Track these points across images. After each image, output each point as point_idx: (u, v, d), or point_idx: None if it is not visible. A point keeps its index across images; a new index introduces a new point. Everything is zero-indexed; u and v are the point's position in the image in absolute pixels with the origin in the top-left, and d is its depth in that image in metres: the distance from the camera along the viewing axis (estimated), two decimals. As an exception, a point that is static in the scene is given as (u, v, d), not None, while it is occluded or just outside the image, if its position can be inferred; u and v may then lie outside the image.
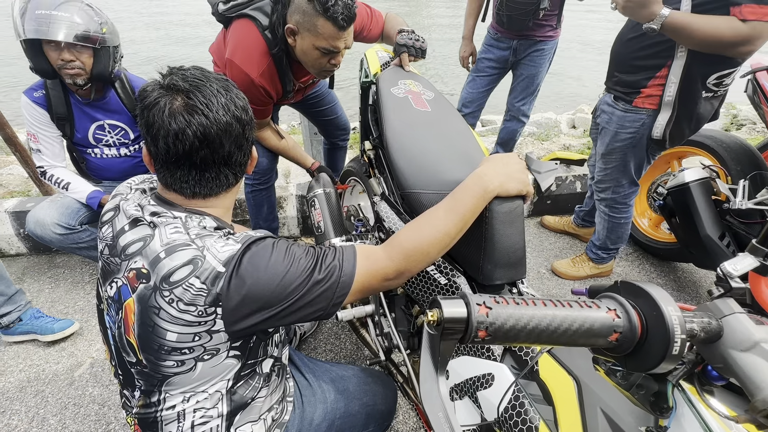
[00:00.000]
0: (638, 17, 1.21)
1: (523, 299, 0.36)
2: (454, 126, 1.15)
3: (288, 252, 0.69)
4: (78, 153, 1.68)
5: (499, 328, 0.34)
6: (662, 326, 0.33)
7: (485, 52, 2.25)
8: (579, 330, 0.35)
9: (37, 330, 1.59)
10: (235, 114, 0.71)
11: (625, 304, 0.37)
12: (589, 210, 2.12)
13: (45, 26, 1.30)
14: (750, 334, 0.34)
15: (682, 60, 1.28)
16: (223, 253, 0.66)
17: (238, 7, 1.29)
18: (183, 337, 0.66)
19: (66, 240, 1.58)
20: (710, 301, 0.37)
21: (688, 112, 1.37)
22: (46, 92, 1.49)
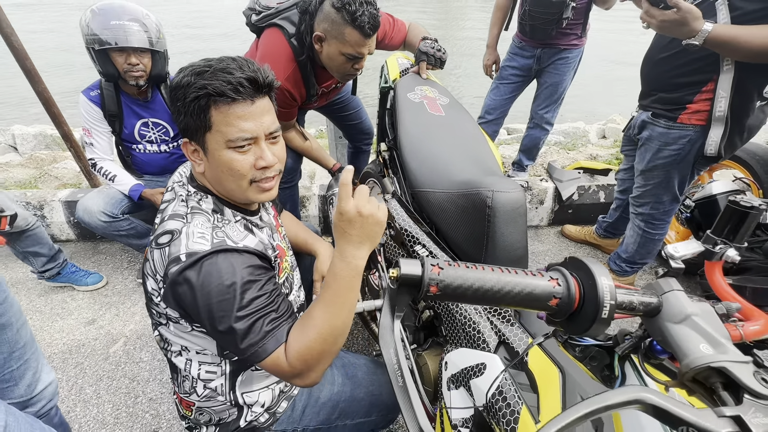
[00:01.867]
0: (677, 34, 1.16)
1: (474, 264, 0.41)
2: (466, 130, 1.19)
3: (241, 287, 0.68)
4: (124, 148, 1.84)
5: (448, 285, 0.39)
6: (595, 293, 0.37)
7: (509, 60, 2.27)
8: (521, 293, 0.39)
9: (74, 281, 1.92)
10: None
11: (566, 274, 0.40)
12: (612, 222, 2.08)
13: (122, 35, 1.48)
14: (683, 308, 0.37)
15: (730, 73, 1.23)
16: (194, 243, 0.69)
17: (268, 18, 1.40)
18: (153, 291, 0.75)
19: (109, 227, 1.74)
20: (655, 281, 0.40)
21: (740, 125, 1.31)
22: (101, 92, 1.67)
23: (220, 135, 0.72)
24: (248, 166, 0.75)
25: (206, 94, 0.69)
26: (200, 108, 0.70)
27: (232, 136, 0.71)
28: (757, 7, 1.11)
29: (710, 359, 0.32)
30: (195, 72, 0.70)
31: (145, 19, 1.53)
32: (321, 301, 0.72)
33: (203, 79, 0.69)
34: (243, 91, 0.70)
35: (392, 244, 1.17)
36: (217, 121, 0.71)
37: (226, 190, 0.79)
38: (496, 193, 0.87)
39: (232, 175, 0.75)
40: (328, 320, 0.71)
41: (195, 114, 0.71)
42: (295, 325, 0.74)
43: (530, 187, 2.33)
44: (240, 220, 0.82)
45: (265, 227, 0.89)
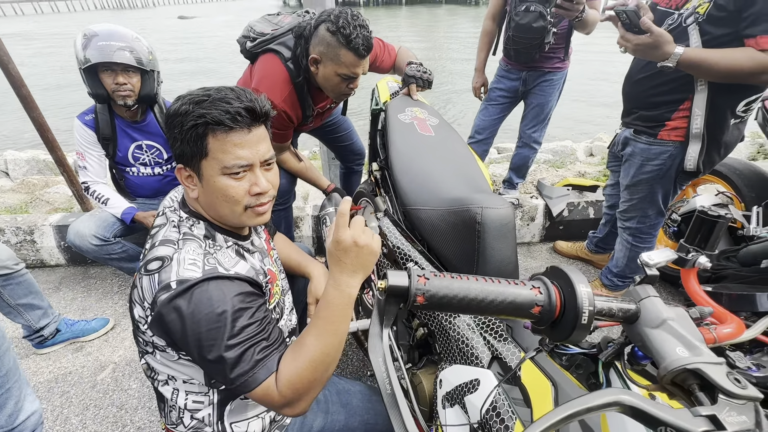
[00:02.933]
0: (652, 57, 1.22)
1: (459, 275, 0.42)
2: (456, 149, 1.23)
3: (232, 315, 0.68)
4: (118, 171, 1.85)
5: (434, 295, 0.40)
6: (574, 300, 0.38)
7: (497, 82, 2.36)
8: (504, 302, 0.40)
9: (79, 334, 1.75)
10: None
11: (548, 282, 0.42)
12: (602, 237, 2.11)
13: (108, 53, 1.52)
14: (660, 313, 0.38)
15: (704, 93, 1.29)
16: (186, 270, 0.69)
17: (263, 44, 1.44)
18: (140, 319, 0.74)
19: (100, 251, 1.73)
20: (632, 288, 0.42)
21: (717, 142, 1.36)
22: (96, 116, 1.69)
23: (216, 162, 0.73)
24: (243, 193, 0.76)
25: (204, 122, 0.70)
26: (197, 135, 0.71)
27: (228, 163, 0.72)
28: (724, 32, 1.18)
29: (686, 361, 0.33)
30: (194, 101, 0.72)
31: (134, 41, 1.58)
32: (313, 328, 0.72)
33: (202, 107, 0.71)
34: (240, 120, 0.72)
35: (385, 261, 1.18)
36: (214, 149, 0.72)
37: (220, 215, 0.79)
38: (485, 210, 0.89)
39: (226, 201, 0.76)
40: (320, 348, 0.70)
41: (192, 141, 0.72)
42: (286, 354, 0.73)
43: (521, 204, 2.36)
44: (232, 245, 0.82)
45: (256, 252, 0.89)
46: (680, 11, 1.28)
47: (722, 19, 1.17)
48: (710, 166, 1.42)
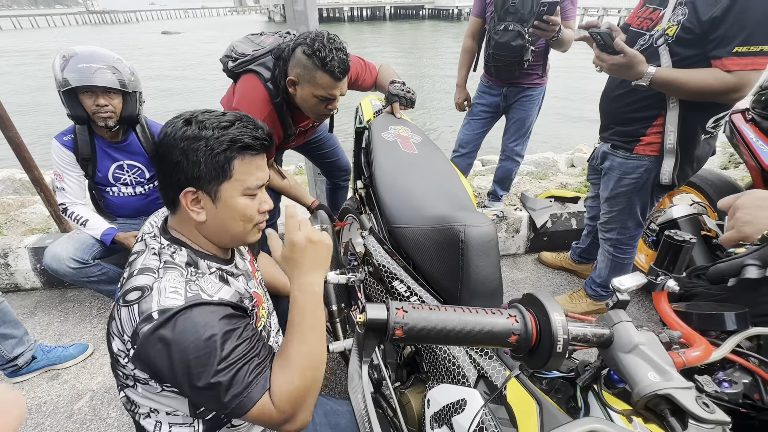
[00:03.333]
0: (626, 76, 1.27)
1: (437, 306, 0.42)
2: (439, 166, 1.25)
3: (221, 338, 0.67)
4: (98, 191, 1.81)
5: (413, 328, 0.40)
6: (549, 329, 0.39)
7: (479, 98, 2.41)
8: (482, 332, 0.41)
9: (56, 361, 1.68)
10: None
11: (524, 311, 0.43)
12: (585, 247, 2.16)
13: (88, 76, 1.49)
14: (631, 338, 0.39)
15: (676, 110, 1.34)
16: (167, 299, 0.67)
17: (244, 64, 1.45)
18: (120, 352, 0.71)
19: (78, 274, 1.68)
20: (606, 313, 0.43)
21: (689, 156, 1.41)
22: (74, 136, 1.66)
23: (239, 183, 0.76)
24: (256, 211, 0.81)
25: (238, 146, 0.74)
26: (226, 158, 0.74)
27: (252, 184, 0.77)
28: (693, 53, 1.24)
29: (657, 387, 0.34)
30: (217, 126, 0.74)
31: (116, 62, 1.56)
32: (292, 337, 0.73)
33: (231, 133, 0.74)
34: (264, 146, 0.79)
35: (371, 280, 1.17)
36: (240, 171, 0.76)
37: (230, 237, 0.81)
38: (467, 228, 0.90)
39: (243, 220, 0.79)
40: (305, 353, 0.72)
41: (219, 164, 0.74)
42: (274, 369, 0.73)
43: (506, 216, 2.40)
44: (215, 271, 0.81)
45: (240, 275, 0.88)
46: (651, 32, 1.34)
47: (690, 40, 1.23)
48: (684, 179, 1.48)
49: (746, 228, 0.59)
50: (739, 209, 0.59)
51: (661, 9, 1.32)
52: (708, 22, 1.17)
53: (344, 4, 50.24)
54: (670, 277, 0.44)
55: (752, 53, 1.14)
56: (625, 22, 1.49)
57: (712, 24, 1.17)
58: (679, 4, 1.25)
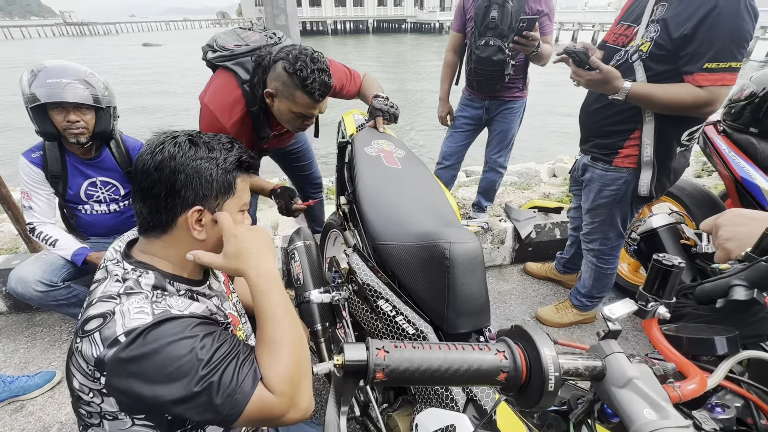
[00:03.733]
0: (603, 91, 1.31)
1: (420, 344, 0.40)
2: (423, 181, 1.23)
3: (200, 343, 0.64)
4: (69, 210, 1.73)
5: (395, 370, 0.38)
6: (540, 365, 0.37)
7: (461, 110, 2.44)
8: (469, 370, 0.38)
9: (19, 392, 1.57)
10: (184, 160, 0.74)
11: (513, 346, 0.41)
12: (569, 257, 2.17)
13: (58, 91, 1.43)
14: (624, 371, 0.38)
15: (652, 123, 1.37)
16: (132, 320, 0.64)
17: (222, 59, 1.41)
18: (83, 388, 0.66)
19: (46, 297, 1.59)
20: (597, 343, 0.41)
21: (666, 168, 1.44)
22: (44, 153, 1.58)
23: (238, 200, 0.81)
24: None
25: (247, 166, 0.81)
26: (234, 177, 0.79)
27: (247, 200, 0.84)
28: (666, 68, 1.28)
29: (654, 426, 0.33)
30: (223, 147, 0.79)
31: (88, 77, 1.50)
32: (267, 322, 0.71)
33: (235, 153, 0.79)
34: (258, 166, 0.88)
35: (356, 299, 1.14)
36: (240, 188, 0.81)
37: (216, 251, 0.80)
38: (453, 245, 0.89)
39: None
40: (287, 332, 0.71)
41: (228, 182, 0.78)
42: (260, 358, 0.70)
43: (491, 227, 2.41)
44: (185, 293, 0.77)
45: (214, 296, 0.85)
46: (626, 48, 1.38)
47: (663, 56, 1.27)
48: (662, 190, 1.51)
49: (728, 244, 0.60)
50: (720, 228, 0.60)
51: (635, 26, 1.36)
52: (679, 39, 1.21)
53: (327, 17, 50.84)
54: (660, 303, 0.43)
55: (721, 69, 1.18)
56: (603, 39, 1.53)
57: (683, 41, 1.21)
58: (652, 22, 1.29)
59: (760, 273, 0.47)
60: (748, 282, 0.47)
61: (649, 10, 1.31)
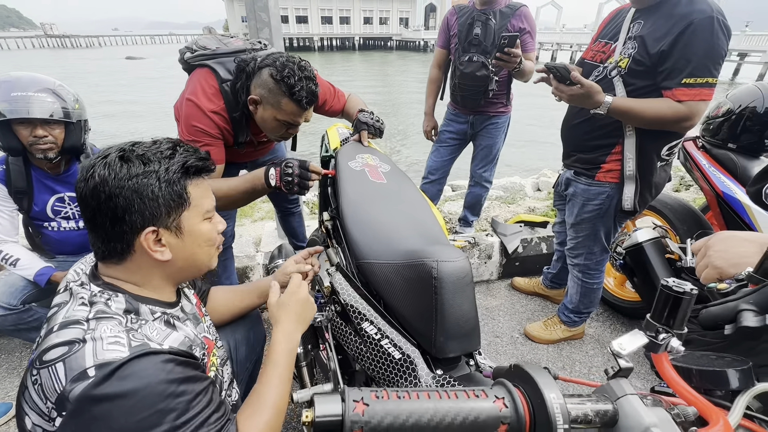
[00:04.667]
0: (585, 105, 1.32)
1: (407, 392, 0.35)
2: (408, 197, 1.19)
3: (177, 390, 0.59)
4: (34, 227, 1.63)
5: (377, 428, 0.32)
6: (545, 414, 0.32)
7: (446, 125, 2.44)
8: (464, 422, 0.33)
9: None
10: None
11: (513, 391, 0.36)
12: (556, 272, 2.16)
13: (24, 106, 1.34)
14: (641, 419, 0.34)
15: (633, 138, 1.38)
16: (107, 352, 0.57)
17: (202, 57, 1.35)
18: (36, 429, 0.58)
19: (4, 321, 1.46)
20: (606, 383, 0.37)
21: (648, 183, 1.45)
22: (6, 167, 1.48)
23: (197, 209, 0.73)
24: (216, 233, 0.79)
25: (195, 171, 0.72)
26: (182, 186, 0.70)
27: (209, 206, 0.76)
28: (645, 83, 1.29)
29: (680, 486, 0.29)
30: (161, 157, 0.69)
31: (58, 89, 1.42)
32: (272, 378, 0.75)
33: (178, 160, 0.70)
34: (210, 166, 0.76)
35: (339, 320, 1.08)
36: (196, 196, 0.73)
37: (197, 265, 0.77)
38: (440, 263, 0.84)
39: (208, 245, 0.77)
40: (280, 394, 0.74)
41: (175, 195, 0.69)
42: (243, 411, 0.71)
43: (477, 242, 2.38)
44: (160, 316, 0.71)
45: (188, 319, 0.79)
46: (605, 65, 1.39)
47: (641, 72, 1.28)
48: (644, 205, 1.51)
49: (718, 262, 0.58)
50: (711, 248, 0.59)
51: (613, 43, 1.38)
52: (657, 55, 1.23)
53: (314, 34, 51.55)
54: (672, 335, 0.39)
55: (699, 84, 1.20)
56: (582, 56, 1.55)
57: (660, 57, 1.22)
58: (629, 39, 1.31)
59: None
60: (758, 307, 0.44)
61: (626, 27, 1.33)
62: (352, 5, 53.14)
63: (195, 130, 1.29)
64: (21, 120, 1.36)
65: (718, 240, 0.63)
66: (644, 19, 1.28)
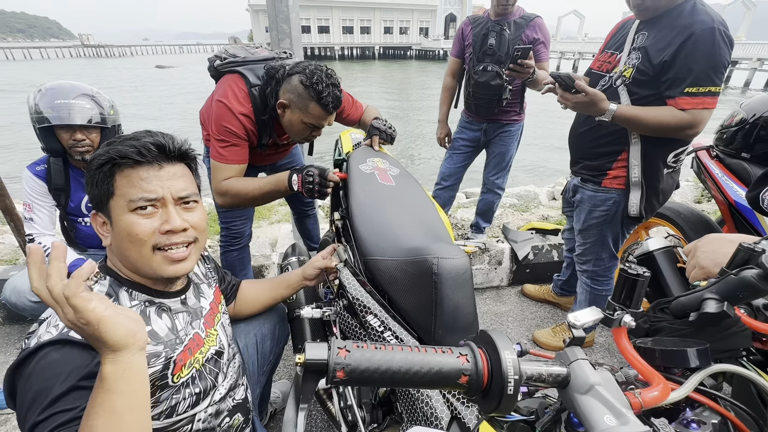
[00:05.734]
0: (590, 113, 1.35)
1: (384, 345, 0.40)
2: (416, 199, 1.25)
3: (58, 392, 0.58)
4: (69, 222, 1.76)
5: (355, 369, 0.38)
6: (500, 369, 0.37)
7: (459, 132, 2.49)
8: (430, 372, 0.38)
9: (4, 405, 1.54)
10: None
11: (475, 350, 0.41)
12: (566, 279, 2.16)
13: (66, 113, 1.48)
14: (587, 378, 0.38)
15: (638, 145, 1.40)
16: (47, 333, 0.63)
17: (232, 65, 1.45)
18: None
19: (40, 308, 1.58)
20: (562, 350, 0.41)
21: (654, 189, 1.46)
22: (48, 166, 1.63)
23: (122, 199, 0.70)
24: (150, 231, 0.71)
25: (109, 158, 0.69)
26: (104, 174, 0.70)
27: (134, 196, 0.69)
28: (649, 92, 1.32)
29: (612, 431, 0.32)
30: (106, 144, 0.72)
31: (96, 96, 1.56)
32: (98, 414, 0.55)
33: (110, 146, 0.71)
34: (147, 154, 0.71)
35: (346, 314, 1.14)
36: (121, 185, 0.70)
37: (132, 263, 0.74)
38: (440, 260, 0.89)
39: (131, 241, 0.70)
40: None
41: (100, 181, 0.70)
42: None
43: (488, 248, 2.40)
44: (138, 304, 0.75)
45: (182, 312, 0.83)
46: (610, 74, 1.42)
47: (645, 81, 1.31)
48: (651, 211, 1.52)
49: (704, 262, 0.62)
50: (698, 249, 0.63)
51: (618, 53, 1.41)
52: (659, 65, 1.25)
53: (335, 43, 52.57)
54: (626, 312, 0.43)
55: (702, 93, 1.21)
56: (589, 66, 1.59)
57: (663, 67, 1.25)
58: (633, 50, 1.34)
59: (730, 286, 0.47)
60: (719, 295, 0.48)
61: (630, 38, 1.36)
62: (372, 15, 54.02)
63: (224, 130, 1.38)
64: (62, 125, 1.50)
65: (707, 242, 0.66)
66: (648, 30, 1.31)
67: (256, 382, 1.20)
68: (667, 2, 1.26)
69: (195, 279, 0.95)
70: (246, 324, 1.20)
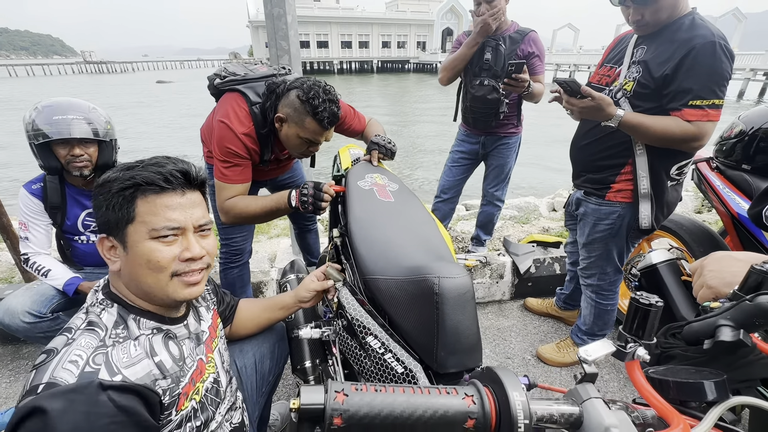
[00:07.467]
0: (597, 118, 1.33)
1: (384, 386, 0.38)
2: (415, 215, 1.23)
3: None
4: (65, 240, 1.74)
5: (354, 415, 0.35)
6: (509, 411, 0.35)
7: (458, 145, 2.49)
8: (434, 416, 0.36)
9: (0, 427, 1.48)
10: None
11: (482, 390, 0.38)
12: (569, 293, 2.13)
13: (65, 128, 1.48)
14: (602, 420, 0.36)
15: (644, 156, 1.38)
16: (61, 370, 0.58)
17: (232, 83, 1.45)
18: None
19: (33, 329, 1.55)
20: (573, 387, 0.39)
21: (660, 202, 1.44)
22: (44, 185, 1.62)
23: (143, 225, 0.69)
24: (170, 258, 0.71)
25: (134, 184, 0.68)
26: (125, 199, 0.69)
27: (157, 225, 0.69)
28: (651, 105, 1.31)
29: (631, 481, 0.30)
30: (124, 168, 0.71)
31: (91, 112, 1.56)
32: None
33: (132, 171, 0.70)
34: (174, 181, 0.71)
35: (345, 335, 1.11)
36: (143, 212, 0.69)
37: (144, 289, 0.72)
38: (442, 279, 0.87)
39: (151, 268, 0.70)
40: None
41: (119, 206, 0.69)
42: None
43: (489, 262, 2.38)
44: (148, 333, 0.72)
45: (187, 338, 0.81)
46: (610, 87, 1.42)
47: (647, 94, 1.30)
48: (658, 224, 1.50)
49: (712, 282, 0.60)
50: (705, 268, 0.61)
51: (617, 67, 1.41)
52: (661, 79, 1.25)
53: (334, 57, 53.34)
54: (639, 344, 0.41)
55: (706, 106, 1.21)
56: (588, 80, 1.59)
57: (665, 81, 1.25)
58: (633, 63, 1.34)
59: (745, 313, 0.45)
60: (735, 322, 0.45)
61: (630, 52, 1.36)
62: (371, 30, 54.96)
63: (227, 151, 1.38)
64: (60, 141, 1.49)
65: (713, 260, 0.64)
66: (647, 44, 1.32)
67: (255, 403, 1.16)
68: (666, 18, 1.26)
69: (194, 302, 0.92)
70: (244, 343, 1.18)
